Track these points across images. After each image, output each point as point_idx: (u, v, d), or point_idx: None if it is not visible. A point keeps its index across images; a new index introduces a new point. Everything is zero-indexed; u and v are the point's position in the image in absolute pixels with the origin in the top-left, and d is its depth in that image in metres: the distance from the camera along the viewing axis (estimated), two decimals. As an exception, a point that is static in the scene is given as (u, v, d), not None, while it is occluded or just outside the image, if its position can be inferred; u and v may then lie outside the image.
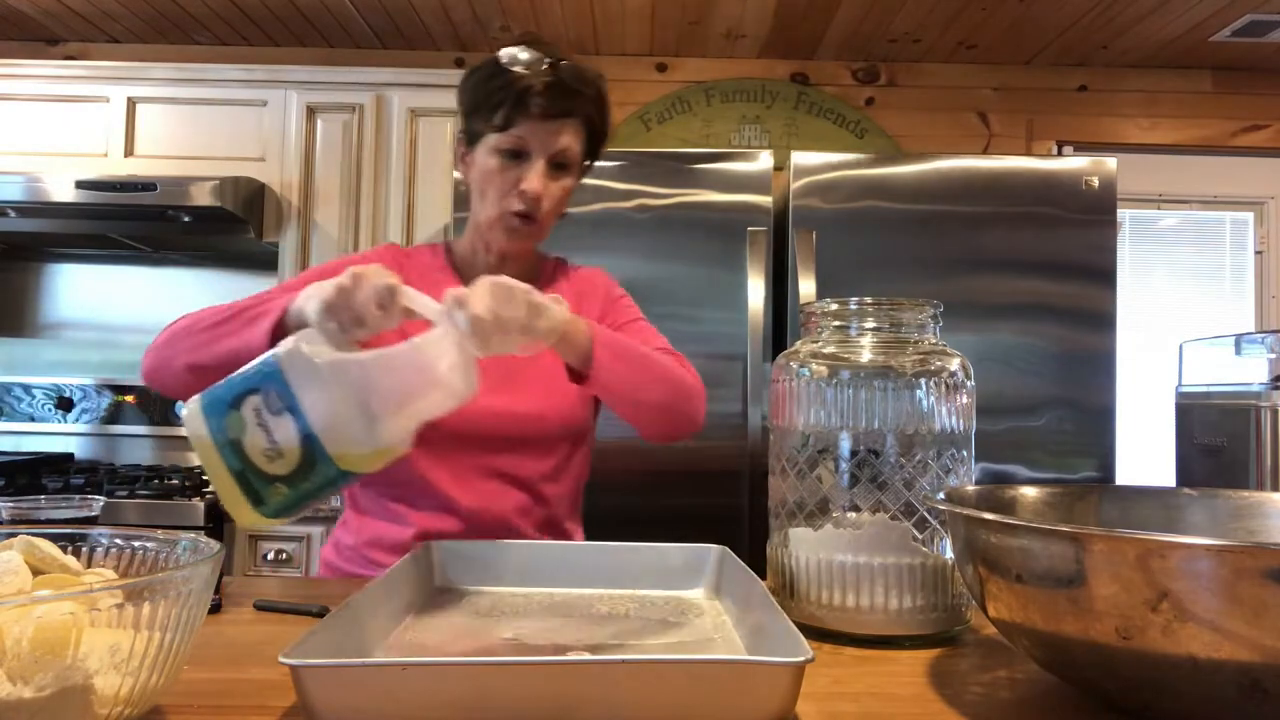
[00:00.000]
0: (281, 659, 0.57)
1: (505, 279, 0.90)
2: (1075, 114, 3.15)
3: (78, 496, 0.90)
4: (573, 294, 1.26)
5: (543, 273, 1.31)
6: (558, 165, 1.17)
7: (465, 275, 1.26)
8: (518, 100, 1.12)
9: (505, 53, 1.15)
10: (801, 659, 0.59)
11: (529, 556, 1.03)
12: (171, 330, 1.09)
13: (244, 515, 0.81)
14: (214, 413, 0.81)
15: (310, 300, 0.91)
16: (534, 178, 1.15)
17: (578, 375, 1.07)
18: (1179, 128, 3.16)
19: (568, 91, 1.14)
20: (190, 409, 0.82)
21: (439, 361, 0.83)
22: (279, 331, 0.96)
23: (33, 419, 2.95)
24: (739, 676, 0.60)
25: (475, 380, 0.85)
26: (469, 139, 1.20)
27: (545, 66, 1.13)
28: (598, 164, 1.27)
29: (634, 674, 0.60)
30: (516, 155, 1.15)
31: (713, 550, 1.01)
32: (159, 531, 0.71)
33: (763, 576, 0.90)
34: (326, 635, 0.66)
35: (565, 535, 1.25)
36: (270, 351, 0.83)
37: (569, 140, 1.16)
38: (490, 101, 1.14)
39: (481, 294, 0.86)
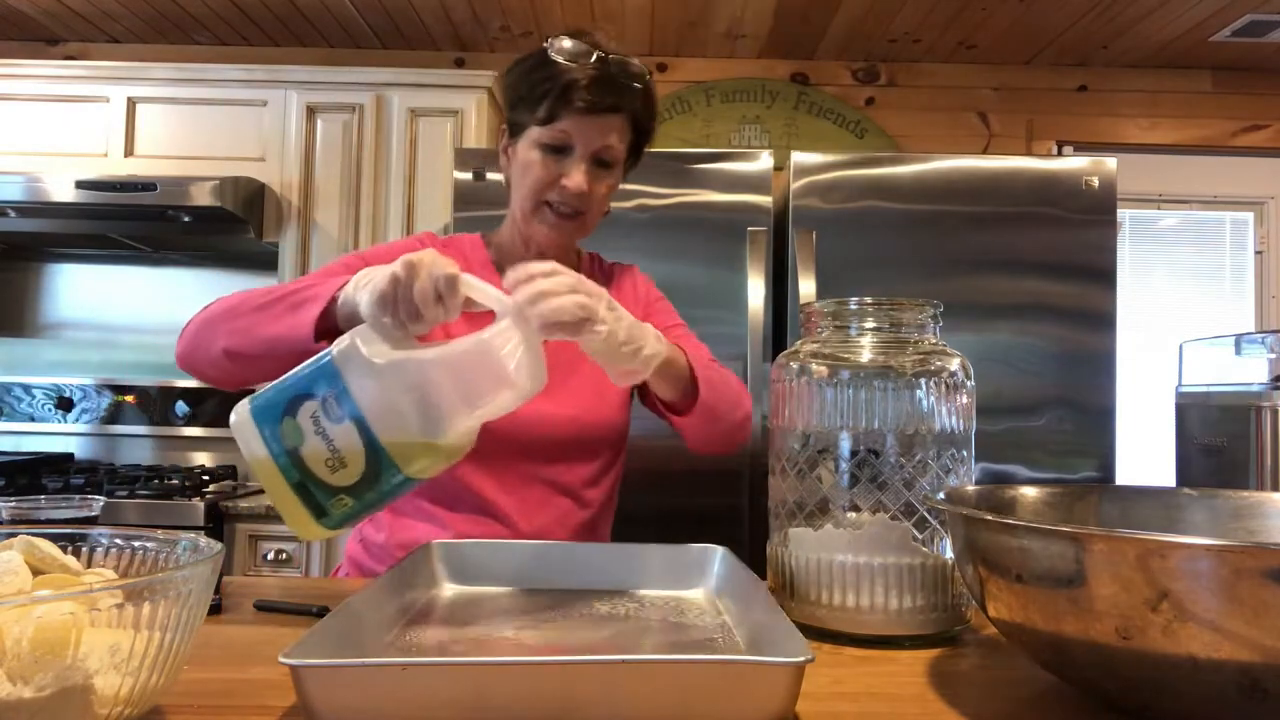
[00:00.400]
0: (281, 659, 0.57)
1: (572, 271, 0.86)
2: (1075, 114, 3.16)
3: (78, 496, 0.89)
4: (610, 292, 1.25)
5: (579, 268, 1.29)
6: (600, 163, 1.14)
7: (505, 269, 1.25)
8: (562, 94, 1.09)
9: (551, 43, 1.11)
10: (801, 659, 0.59)
11: (529, 556, 1.03)
12: (208, 314, 1.04)
13: (307, 530, 0.75)
14: (266, 420, 0.75)
15: (362, 291, 0.83)
16: (577, 174, 1.11)
17: (668, 405, 1.05)
18: (1179, 128, 3.16)
19: (614, 86, 1.10)
20: (239, 416, 0.76)
21: (507, 358, 0.76)
22: (325, 319, 0.91)
23: (33, 419, 2.95)
24: (739, 676, 0.60)
25: (544, 374, 0.78)
26: (511, 131, 1.17)
27: (592, 59, 1.09)
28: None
29: (634, 674, 0.59)
30: (559, 150, 1.12)
31: (713, 550, 1.01)
32: (159, 531, 0.71)
33: (763, 576, 0.90)
34: (326, 635, 0.66)
35: (601, 539, 1.24)
36: (324, 352, 0.77)
37: (614, 137, 1.13)
38: (534, 94, 1.11)
39: (555, 286, 0.82)
